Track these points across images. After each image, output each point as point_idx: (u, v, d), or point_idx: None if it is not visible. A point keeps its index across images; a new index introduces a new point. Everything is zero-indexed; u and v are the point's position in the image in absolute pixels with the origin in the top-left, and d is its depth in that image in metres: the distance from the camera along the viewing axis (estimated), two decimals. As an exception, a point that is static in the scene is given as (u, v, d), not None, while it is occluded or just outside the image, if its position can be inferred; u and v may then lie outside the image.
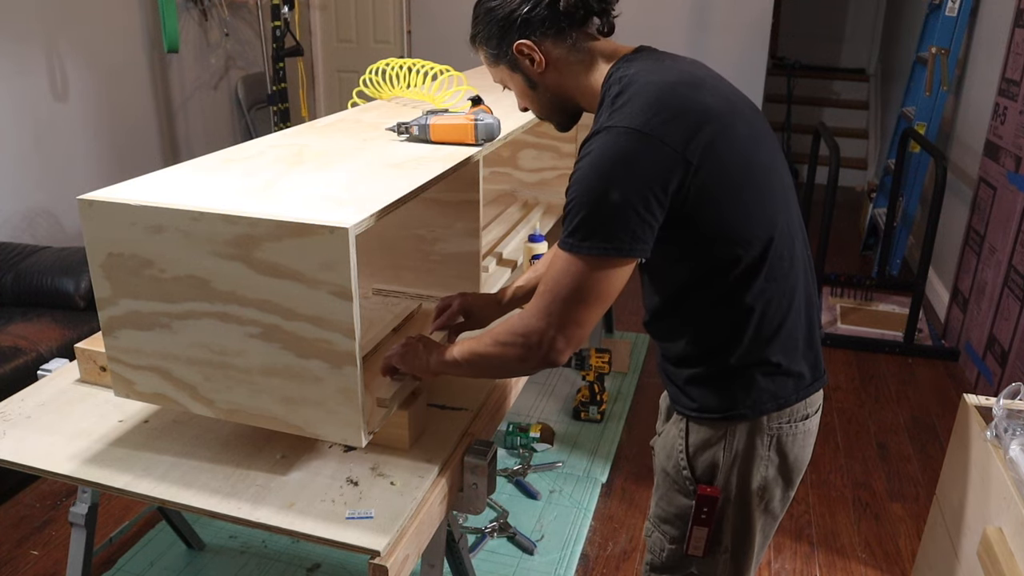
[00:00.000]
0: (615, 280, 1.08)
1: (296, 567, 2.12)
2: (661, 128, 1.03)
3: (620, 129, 1.04)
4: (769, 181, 1.13)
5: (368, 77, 1.97)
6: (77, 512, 1.64)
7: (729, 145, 1.07)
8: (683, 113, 1.05)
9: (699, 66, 1.19)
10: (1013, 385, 1.54)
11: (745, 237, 1.10)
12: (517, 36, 1.19)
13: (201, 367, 1.21)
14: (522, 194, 2.39)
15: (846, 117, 6.37)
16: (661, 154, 1.02)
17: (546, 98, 1.25)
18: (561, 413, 2.90)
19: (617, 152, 1.03)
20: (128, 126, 3.92)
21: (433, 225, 1.65)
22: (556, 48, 1.19)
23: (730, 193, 1.08)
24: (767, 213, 1.12)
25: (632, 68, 1.13)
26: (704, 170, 1.04)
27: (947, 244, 3.86)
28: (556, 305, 1.08)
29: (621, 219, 1.03)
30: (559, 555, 2.19)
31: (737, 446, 1.21)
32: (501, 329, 1.17)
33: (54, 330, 2.51)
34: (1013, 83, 3.12)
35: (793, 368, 1.19)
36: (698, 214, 1.07)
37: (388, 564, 1.11)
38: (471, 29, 1.27)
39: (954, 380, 3.26)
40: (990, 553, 1.38)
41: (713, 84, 1.13)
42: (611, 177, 1.02)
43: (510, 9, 1.18)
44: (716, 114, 1.07)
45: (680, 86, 1.08)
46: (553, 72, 1.21)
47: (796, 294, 1.17)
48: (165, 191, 1.19)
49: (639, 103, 1.05)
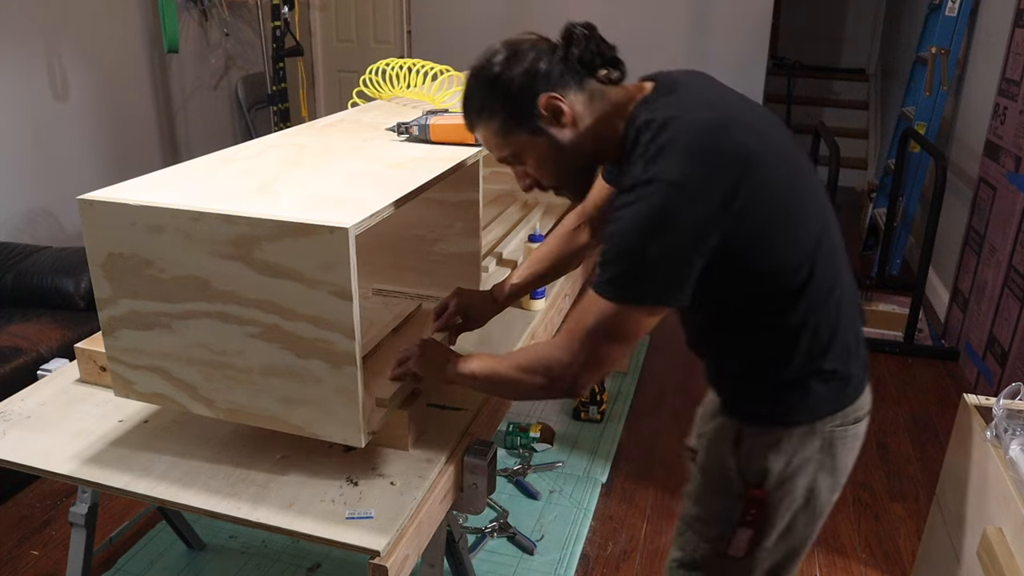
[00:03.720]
0: (648, 324, 1.08)
1: (296, 567, 2.12)
2: (701, 181, 1.01)
3: (660, 183, 1.01)
4: (808, 202, 1.12)
5: (368, 77, 1.97)
6: (77, 512, 1.64)
7: (767, 184, 1.06)
8: (720, 162, 1.03)
9: (716, 90, 1.17)
10: (1013, 385, 1.54)
11: (790, 266, 1.10)
12: (543, 90, 1.13)
13: (201, 367, 1.21)
14: (522, 194, 2.39)
15: (846, 117, 6.37)
16: (702, 208, 1.01)
17: (570, 160, 1.18)
18: (561, 413, 2.90)
19: (658, 208, 1.01)
20: (128, 126, 3.92)
21: (433, 225, 1.65)
22: (578, 99, 1.14)
23: (772, 230, 1.08)
24: (810, 235, 1.11)
25: (658, 111, 1.09)
26: (745, 216, 1.04)
27: (947, 244, 3.86)
28: (586, 343, 1.09)
29: (661, 272, 1.04)
30: (559, 555, 2.19)
31: (791, 451, 1.20)
32: (526, 357, 1.17)
33: (54, 330, 2.51)
34: (1013, 83, 3.12)
35: (847, 372, 1.19)
36: (741, 255, 1.07)
37: (388, 564, 1.11)
38: (471, 105, 1.18)
39: (954, 380, 3.26)
40: (990, 553, 1.38)
41: (738, 113, 1.11)
42: (652, 233, 1.02)
43: (524, 68, 1.13)
44: (751, 153, 1.05)
45: (714, 130, 1.05)
46: (575, 126, 1.15)
47: (844, 300, 1.17)
48: (165, 191, 1.19)
49: (675, 153, 1.03)
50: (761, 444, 1.21)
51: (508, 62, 1.14)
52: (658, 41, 4.86)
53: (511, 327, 1.76)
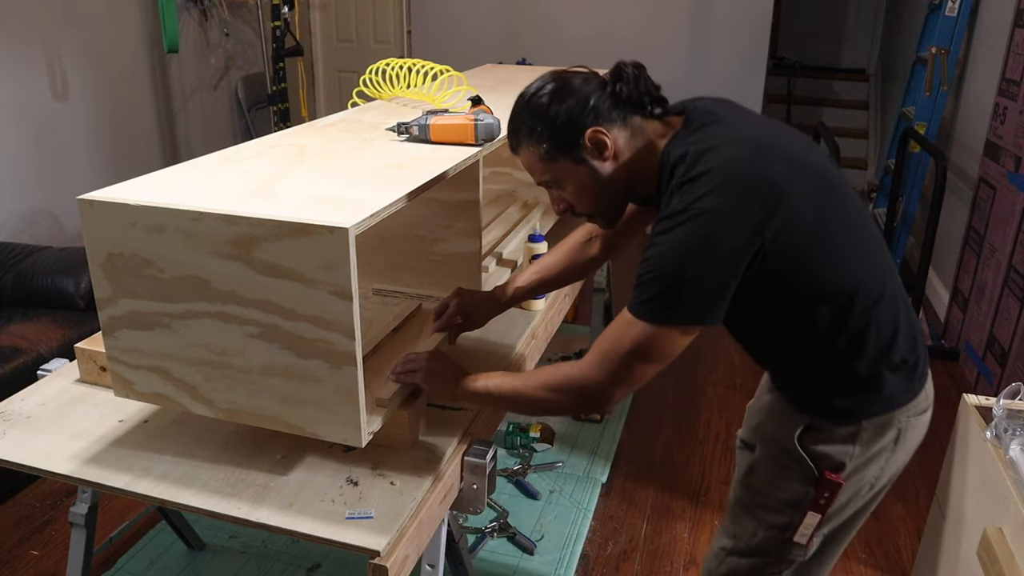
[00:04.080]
0: (682, 344, 1.12)
1: (296, 567, 2.12)
2: (734, 208, 1.05)
3: (695, 211, 1.06)
4: (845, 217, 1.16)
5: (368, 77, 1.96)
6: (77, 512, 1.64)
7: (800, 209, 1.09)
8: (753, 190, 1.07)
9: (745, 119, 1.20)
10: (1013, 385, 1.54)
11: (836, 281, 1.14)
12: (590, 123, 1.18)
13: (201, 367, 1.21)
14: (522, 194, 2.39)
15: (846, 117, 6.37)
16: (736, 234, 1.06)
17: (607, 190, 1.23)
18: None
19: (695, 236, 1.06)
20: (128, 126, 3.92)
21: (433, 225, 1.65)
22: (621, 135, 1.20)
23: (812, 251, 1.11)
24: (851, 249, 1.16)
25: (691, 145, 1.13)
26: (782, 239, 1.08)
27: (947, 244, 3.86)
28: (619, 362, 1.12)
29: (696, 294, 1.08)
30: (559, 555, 2.19)
31: (867, 440, 1.23)
32: (554, 377, 1.19)
33: (54, 330, 2.51)
34: (1013, 83, 3.12)
35: (915, 359, 1.23)
36: (786, 275, 1.11)
37: (388, 564, 1.11)
38: (518, 130, 1.24)
39: (954, 380, 3.26)
40: (990, 553, 1.38)
41: (768, 141, 1.14)
42: (688, 259, 1.06)
43: (573, 101, 1.18)
44: (782, 181, 1.09)
45: (745, 160, 1.09)
46: (616, 160, 1.21)
47: (896, 294, 1.21)
48: (165, 191, 1.19)
49: (709, 183, 1.07)
50: (839, 435, 1.23)
51: (558, 93, 1.20)
52: (658, 41, 4.86)
53: (511, 327, 1.76)
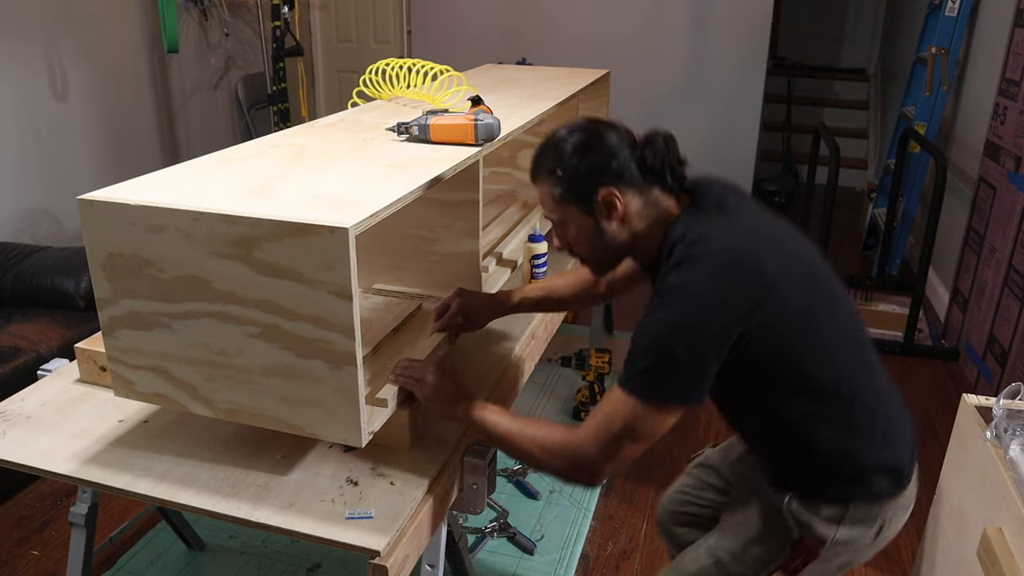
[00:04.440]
0: (668, 422, 1.15)
1: (296, 567, 2.12)
2: (725, 293, 1.11)
3: (688, 292, 1.11)
4: (831, 316, 1.20)
5: (368, 77, 1.96)
6: (77, 512, 1.64)
7: (788, 302, 1.14)
8: (746, 278, 1.12)
9: (747, 209, 1.24)
10: (1013, 385, 1.54)
11: (821, 375, 1.19)
12: (606, 184, 1.21)
13: (201, 367, 1.21)
14: (522, 194, 2.39)
15: (846, 117, 6.37)
16: (725, 318, 1.11)
17: (607, 246, 1.27)
18: (561, 413, 2.90)
19: (686, 314, 1.11)
20: (128, 126, 3.91)
21: (433, 225, 1.65)
22: (633, 200, 1.23)
23: (796, 342, 1.16)
24: (836, 346, 1.20)
25: (692, 227, 1.18)
26: (768, 328, 1.12)
27: (947, 244, 3.86)
28: (610, 440, 1.15)
29: (683, 373, 1.12)
30: (559, 555, 2.19)
31: (848, 525, 1.26)
32: (550, 439, 1.21)
33: (54, 330, 2.51)
34: (1013, 83, 3.12)
35: (899, 462, 1.26)
36: (770, 364, 1.16)
37: (388, 564, 1.11)
38: (540, 166, 1.26)
39: (954, 380, 3.26)
40: (990, 553, 1.38)
41: (765, 236, 1.19)
42: (678, 337, 1.11)
43: (597, 158, 1.21)
44: (774, 275, 1.13)
45: (741, 250, 1.14)
46: (623, 223, 1.24)
47: (884, 393, 1.25)
48: (165, 191, 1.19)
49: (705, 267, 1.12)
50: (824, 513, 1.26)
51: (586, 144, 1.22)
52: (658, 41, 4.86)
53: (511, 327, 1.76)
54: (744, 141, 4.96)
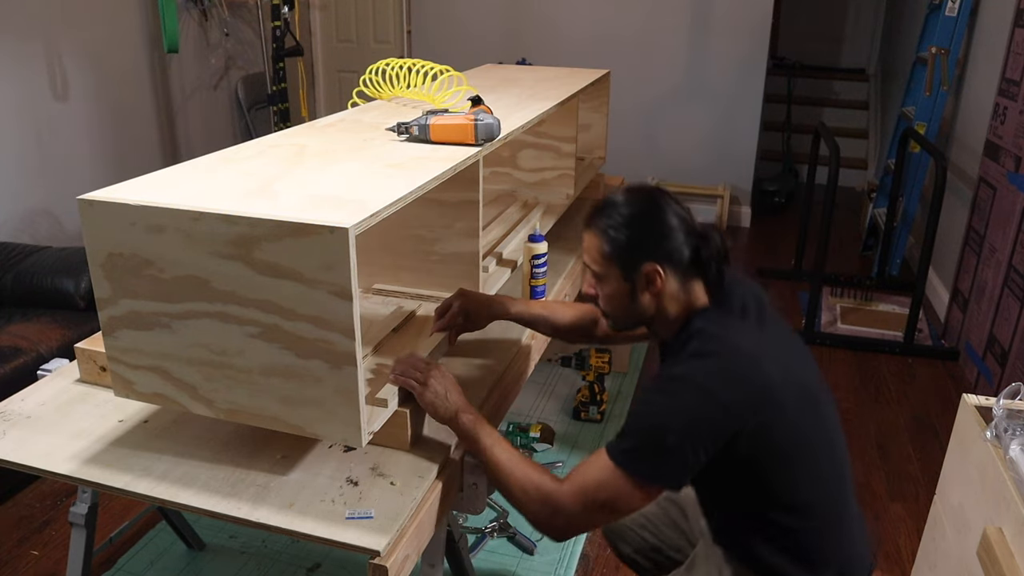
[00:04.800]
0: (644, 502, 1.21)
1: (296, 567, 2.12)
2: (726, 396, 1.16)
3: (693, 385, 1.17)
4: (822, 434, 1.26)
5: (368, 77, 1.96)
6: (77, 512, 1.64)
7: (783, 416, 1.20)
8: (748, 388, 1.17)
9: (768, 324, 1.28)
10: (1013, 385, 1.54)
11: (803, 486, 1.25)
12: (655, 260, 1.25)
13: (201, 367, 1.21)
14: (522, 194, 2.39)
15: (846, 117, 6.37)
16: (722, 420, 1.16)
17: (633, 312, 1.32)
18: (561, 413, 2.90)
19: (687, 407, 1.17)
20: (128, 126, 3.91)
21: (433, 225, 1.65)
22: (673, 282, 1.28)
23: (790, 451, 1.22)
24: (822, 463, 1.26)
25: (710, 325, 1.24)
26: (761, 436, 1.18)
27: (947, 244, 3.86)
28: (592, 505, 1.20)
29: (671, 459, 1.17)
30: (559, 555, 2.20)
31: None
32: (535, 479, 1.24)
33: (54, 330, 2.51)
34: (1013, 83, 3.12)
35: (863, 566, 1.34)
36: (760, 467, 1.22)
37: (388, 564, 1.11)
38: (598, 219, 1.30)
39: (954, 380, 3.26)
40: (990, 553, 1.37)
41: (775, 347, 1.24)
42: (673, 425, 1.16)
43: (658, 232, 1.26)
44: (774, 389, 1.19)
45: (748, 359, 1.19)
46: (656, 299, 1.29)
47: (853, 515, 1.32)
48: (165, 191, 1.19)
49: (713, 367, 1.18)
50: None
51: (648, 215, 1.27)
52: (658, 41, 4.86)
53: (511, 327, 1.76)
54: (744, 141, 4.96)
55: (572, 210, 2.44)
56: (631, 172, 4.86)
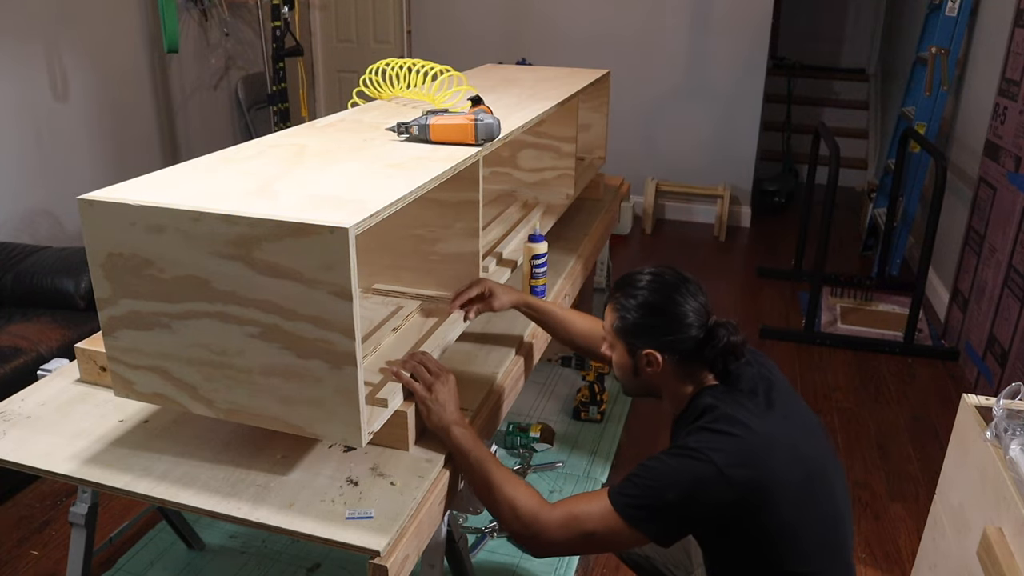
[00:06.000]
0: (629, 543, 1.26)
1: (296, 567, 2.12)
2: (733, 472, 1.19)
3: (703, 459, 1.20)
4: (822, 518, 1.28)
5: (368, 77, 1.96)
6: (77, 512, 1.64)
7: (789, 498, 1.22)
8: (756, 466, 1.21)
9: (779, 402, 1.30)
10: (1013, 385, 1.54)
11: (805, 562, 1.27)
12: (654, 347, 1.32)
13: (201, 367, 1.21)
14: (522, 194, 2.39)
15: (846, 117, 6.37)
16: (723, 493, 1.20)
17: (638, 384, 1.39)
18: (561, 413, 2.90)
19: (692, 474, 1.21)
20: (128, 126, 3.91)
21: (433, 225, 1.65)
22: (675, 367, 1.33)
23: (797, 528, 1.24)
24: (827, 542, 1.28)
25: (727, 405, 1.27)
26: (766, 514, 1.21)
27: (947, 244, 3.86)
28: (576, 533, 1.25)
29: (666, 513, 1.22)
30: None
31: None
32: (521, 497, 1.27)
33: (54, 330, 2.51)
34: (1013, 83, 3.12)
35: None
36: (744, 542, 1.24)
37: (388, 564, 1.11)
38: (619, 292, 1.36)
39: (954, 380, 3.26)
40: (990, 553, 1.37)
41: (785, 427, 1.27)
42: (676, 487, 1.21)
43: (664, 325, 1.31)
44: (783, 472, 1.22)
45: (759, 441, 1.23)
46: (658, 375, 1.35)
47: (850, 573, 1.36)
48: (165, 191, 1.19)
49: (725, 444, 1.22)
50: None
51: (659, 304, 1.32)
52: (658, 41, 4.86)
53: (512, 326, 1.76)
54: (744, 141, 4.96)
55: (572, 210, 2.44)
56: (631, 172, 4.86)
